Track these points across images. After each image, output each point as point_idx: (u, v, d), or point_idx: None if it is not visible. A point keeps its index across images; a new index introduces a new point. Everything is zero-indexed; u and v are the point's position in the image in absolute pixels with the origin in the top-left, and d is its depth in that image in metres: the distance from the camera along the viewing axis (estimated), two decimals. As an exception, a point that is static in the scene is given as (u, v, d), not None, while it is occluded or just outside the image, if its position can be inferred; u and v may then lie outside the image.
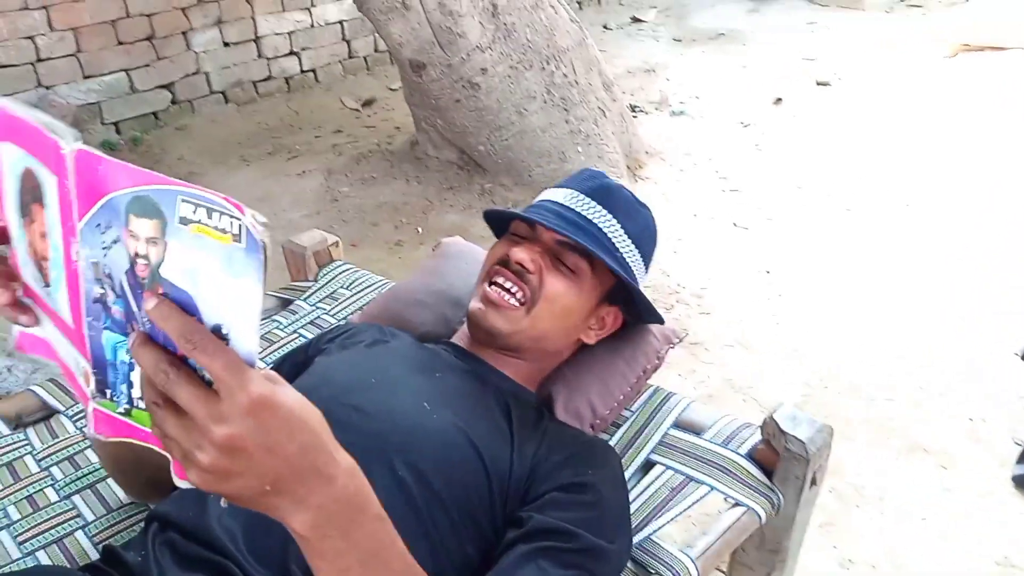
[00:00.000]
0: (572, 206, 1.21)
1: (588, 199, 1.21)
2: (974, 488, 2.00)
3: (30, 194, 0.62)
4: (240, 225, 0.50)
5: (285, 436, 0.56)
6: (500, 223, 1.32)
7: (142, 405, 0.61)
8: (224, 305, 0.53)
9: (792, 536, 1.29)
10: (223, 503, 0.59)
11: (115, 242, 0.56)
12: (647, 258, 1.27)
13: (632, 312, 1.27)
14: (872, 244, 3.16)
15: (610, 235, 1.19)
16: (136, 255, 0.55)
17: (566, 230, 1.15)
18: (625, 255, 1.21)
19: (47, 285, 0.66)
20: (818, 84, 5.02)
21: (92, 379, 0.64)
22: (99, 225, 0.57)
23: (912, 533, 1.87)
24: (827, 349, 2.54)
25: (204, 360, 0.52)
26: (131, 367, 0.61)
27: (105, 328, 0.61)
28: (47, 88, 4.20)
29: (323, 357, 1.22)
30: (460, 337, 1.28)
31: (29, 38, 4.09)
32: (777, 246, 3.18)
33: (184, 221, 0.52)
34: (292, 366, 1.28)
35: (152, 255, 0.54)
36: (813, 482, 1.24)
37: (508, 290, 1.16)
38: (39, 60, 4.16)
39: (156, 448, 0.61)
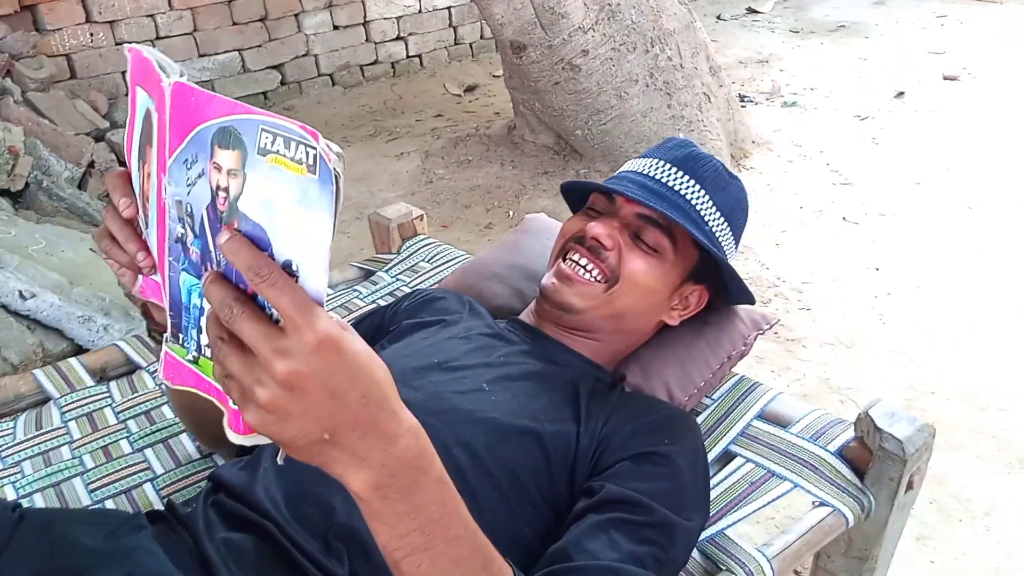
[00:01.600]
0: (656, 176, 1.13)
1: (674, 168, 1.13)
2: (1095, 510, 1.81)
3: (147, 135, 0.62)
4: (315, 155, 0.48)
5: (348, 382, 0.53)
6: (578, 198, 1.26)
7: (209, 354, 0.61)
8: (296, 240, 0.51)
9: (883, 544, 1.20)
10: (280, 459, 0.58)
11: (200, 176, 0.55)
12: (737, 233, 1.18)
13: (720, 290, 1.19)
14: (994, 244, 2.95)
15: (697, 206, 1.11)
16: (218, 188, 0.54)
17: (648, 200, 1.08)
18: (714, 227, 1.13)
19: (147, 226, 0.66)
20: (945, 78, 4.73)
21: (168, 321, 0.64)
22: (187, 160, 0.56)
23: (1022, 553, 1.71)
24: (937, 352, 2.36)
25: (272, 295, 0.50)
26: (202, 312, 0.60)
27: (183, 270, 0.60)
28: (164, 65, 4.37)
29: (393, 337, 1.20)
30: (528, 314, 1.23)
31: (150, 16, 4.27)
32: (889, 242, 3.00)
33: (263, 151, 0.50)
34: (368, 328, 1.27)
35: (232, 187, 0.53)
36: (909, 486, 1.14)
37: (584, 267, 1.10)
38: (158, 38, 4.33)
39: (215, 400, 0.60)
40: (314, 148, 0.47)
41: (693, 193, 1.11)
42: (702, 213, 1.11)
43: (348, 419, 0.54)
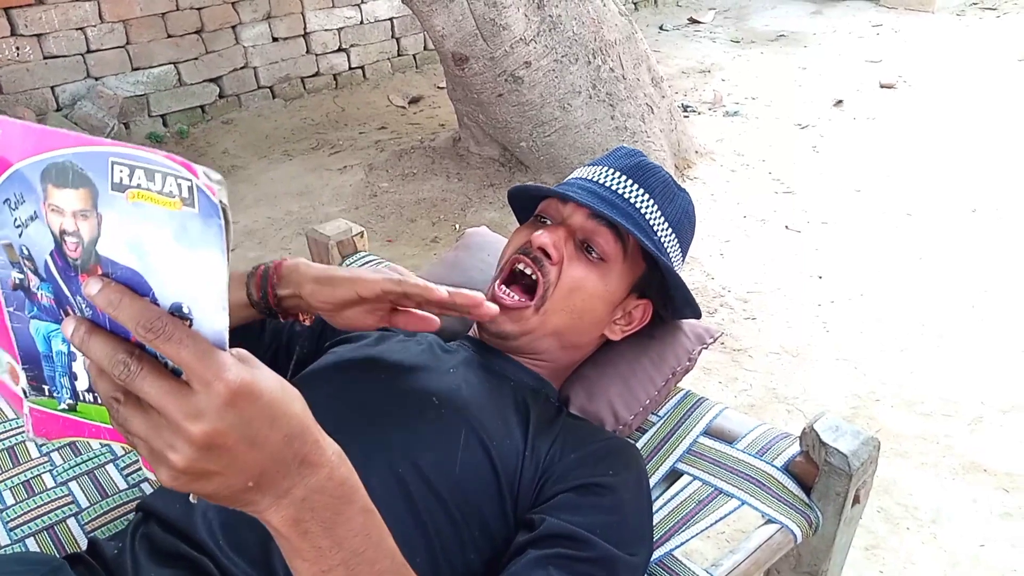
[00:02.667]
0: (606, 183, 1.11)
1: (623, 176, 1.11)
2: (1038, 514, 1.84)
3: None
4: (191, 187, 0.43)
5: (268, 426, 0.50)
6: (525, 206, 1.22)
7: (90, 398, 0.55)
8: (183, 281, 0.46)
9: (832, 558, 1.18)
10: (192, 499, 0.54)
11: (32, 219, 0.49)
12: (684, 246, 1.16)
13: (666, 304, 1.16)
14: (934, 250, 3.00)
15: (647, 216, 1.09)
16: (63, 232, 0.47)
17: (599, 207, 1.05)
18: (662, 238, 1.11)
19: None
20: (882, 86, 4.84)
21: (22, 376, 0.57)
22: (8, 201, 0.49)
23: (968, 560, 1.72)
24: (881, 360, 2.38)
25: (171, 350, 0.46)
26: (72, 357, 0.55)
27: (33, 317, 0.54)
28: (96, 79, 4.24)
29: (333, 345, 1.15)
30: (475, 331, 1.19)
31: (80, 29, 4.13)
32: (831, 250, 3.04)
33: (118, 187, 0.44)
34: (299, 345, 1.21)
35: (84, 231, 0.47)
36: (856, 500, 1.13)
37: (529, 276, 1.07)
38: (89, 51, 4.19)
39: (109, 440, 0.56)
40: (188, 180, 0.43)
41: (642, 203, 1.09)
42: (651, 223, 1.09)
43: (272, 463, 0.52)
